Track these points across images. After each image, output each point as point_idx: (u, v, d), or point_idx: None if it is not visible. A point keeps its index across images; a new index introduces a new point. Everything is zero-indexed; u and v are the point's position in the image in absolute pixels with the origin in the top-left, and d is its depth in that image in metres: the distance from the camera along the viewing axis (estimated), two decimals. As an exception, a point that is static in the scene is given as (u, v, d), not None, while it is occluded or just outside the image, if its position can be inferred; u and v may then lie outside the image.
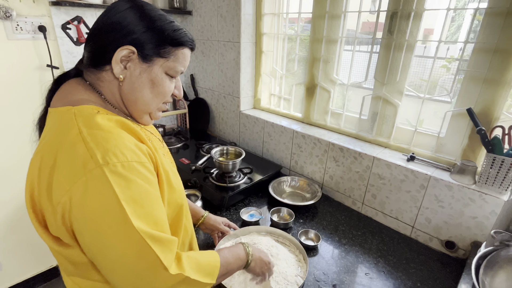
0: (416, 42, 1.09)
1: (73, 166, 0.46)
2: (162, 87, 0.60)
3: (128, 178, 0.48)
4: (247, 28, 1.58)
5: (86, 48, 0.58)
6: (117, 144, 0.49)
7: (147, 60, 0.57)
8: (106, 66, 0.56)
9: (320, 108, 1.47)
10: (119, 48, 0.54)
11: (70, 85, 0.58)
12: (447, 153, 1.12)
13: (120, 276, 0.49)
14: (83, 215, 0.47)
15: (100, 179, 0.46)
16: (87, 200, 0.46)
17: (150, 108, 0.61)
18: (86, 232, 0.48)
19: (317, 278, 0.93)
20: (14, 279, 1.76)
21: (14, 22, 1.38)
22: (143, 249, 0.48)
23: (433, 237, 1.08)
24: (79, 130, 0.48)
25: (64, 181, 0.46)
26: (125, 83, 0.57)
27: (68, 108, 0.53)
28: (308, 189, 1.39)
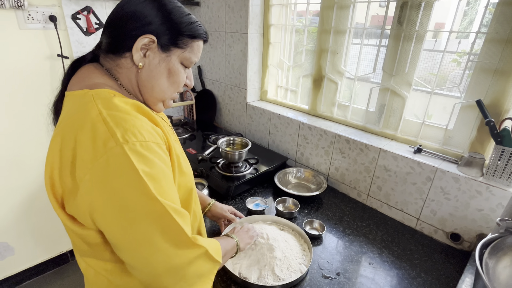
0: (426, 33, 1.08)
1: (94, 145, 0.47)
2: (177, 76, 0.62)
3: (147, 156, 0.49)
4: (255, 19, 1.58)
5: (104, 34, 0.60)
6: (135, 124, 0.50)
7: (165, 49, 0.59)
8: (125, 53, 0.58)
9: (327, 100, 1.47)
10: (141, 37, 0.56)
11: (87, 69, 0.60)
12: (454, 145, 1.11)
13: (144, 254, 0.49)
14: (105, 192, 0.47)
15: (120, 157, 0.47)
16: (109, 177, 0.47)
17: (165, 96, 0.64)
18: (108, 210, 0.48)
19: (321, 266, 0.94)
20: (26, 263, 1.82)
21: (25, 12, 1.40)
22: (168, 221, 0.49)
23: (438, 229, 1.08)
24: (99, 111, 0.50)
25: (86, 160, 0.47)
26: (143, 70, 0.59)
27: (86, 91, 0.54)
28: (314, 180, 1.40)
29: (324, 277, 0.90)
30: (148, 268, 0.50)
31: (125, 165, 0.47)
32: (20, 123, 1.54)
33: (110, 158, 0.47)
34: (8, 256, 1.72)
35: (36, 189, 1.71)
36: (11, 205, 1.65)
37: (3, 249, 1.69)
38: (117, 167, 0.47)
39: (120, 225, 0.48)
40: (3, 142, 1.52)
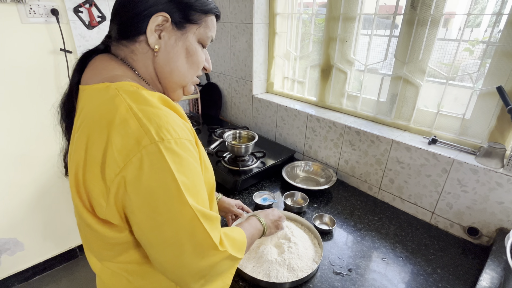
0: (442, 17, 1.02)
1: (126, 142, 0.45)
2: (196, 56, 0.59)
3: (181, 155, 0.47)
4: (260, 8, 1.53)
5: (114, 21, 0.56)
6: (168, 120, 0.47)
7: (180, 27, 0.55)
8: (139, 36, 0.54)
9: (336, 90, 1.42)
10: (154, 16, 0.52)
11: (102, 61, 0.56)
12: (472, 135, 1.06)
13: (170, 255, 0.49)
14: (137, 192, 0.45)
15: (155, 156, 0.45)
16: (142, 177, 0.44)
17: (186, 80, 0.60)
18: (139, 210, 0.46)
19: (332, 262, 0.91)
20: (35, 259, 1.83)
21: (27, 6, 1.38)
22: (196, 226, 0.48)
23: (455, 223, 1.03)
24: (128, 106, 0.46)
25: (118, 158, 0.45)
26: (160, 53, 0.56)
27: (107, 84, 0.50)
28: (322, 173, 1.36)
29: (335, 273, 0.87)
30: (174, 267, 0.50)
31: (159, 165, 0.45)
32: (26, 119, 1.53)
33: (145, 157, 0.44)
34: (18, 252, 1.74)
35: (44, 185, 1.71)
36: (20, 201, 1.65)
37: (13, 244, 1.70)
38: (151, 167, 0.45)
39: (150, 225, 0.47)
40: (10, 138, 1.52)
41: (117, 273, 0.58)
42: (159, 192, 0.45)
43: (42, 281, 1.84)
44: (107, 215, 0.49)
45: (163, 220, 0.46)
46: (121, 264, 0.56)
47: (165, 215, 0.46)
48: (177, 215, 0.47)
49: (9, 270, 1.74)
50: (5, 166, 1.54)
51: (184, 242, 0.48)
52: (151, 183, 0.45)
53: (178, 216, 0.47)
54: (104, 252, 0.56)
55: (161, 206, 0.46)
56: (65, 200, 1.82)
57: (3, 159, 1.53)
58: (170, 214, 0.46)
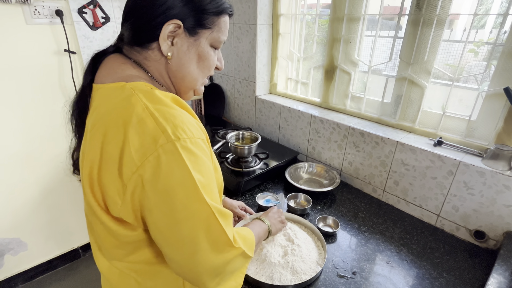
0: (448, 17, 1.01)
1: (143, 141, 0.45)
2: (208, 60, 0.59)
3: (196, 154, 0.48)
4: (264, 9, 1.53)
5: (125, 25, 0.56)
6: (183, 120, 0.48)
7: (193, 33, 0.55)
8: (152, 44, 0.54)
9: (340, 91, 1.41)
10: (166, 23, 0.52)
11: (116, 60, 0.56)
12: (478, 137, 1.04)
13: (187, 252, 0.49)
14: (155, 190, 0.45)
15: (172, 154, 0.45)
16: (160, 175, 0.45)
17: (197, 84, 0.61)
18: (157, 208, 0.46)
19: (336, 265, 0.90)
20: (39, 259, 1.83)
21: (32, 7, 1.38)
22: (212, 223, 0.49)
23: (461, 226, 1.02)
24: (145, 105, 0.47)
25: (135, 157, 0.45)
26: (172, 60, 0.56)
27: (122, 84, 0.51)
28: (326, 175, 1.35)
29: (339, 276, 0.86)
30: (190, 265, 0.50)
31: (176, 163, 0.45)
32: (30, 119, 1.54)
33: (162, 155, 0.45)
34: (21, 252, 1.74)
35: (47, 185, 1.72)
36: (23, 201, 1.66)
37: (16, 244, 1.71)
38: (168, 165, 0.45)
39: (167, 223, 0.47)
40: (14, 138, 1.52)
41: (125, 273, 0.57)
42: (177, 190, 0.46)
43: (45, 281, 1.84)
44: (122, 213, 0.49)
45: (181, 218, 0.47)
46: (130, 264, 0.56)
47: (182, 213, 0.46)
48: (195, 212, 0.47)
49: (12, 270, 1.74)
50: (8, 167, 1.55)
51: (201, 239, 0.48)
52: (168, 181, 0.45)
53: (196, 213, 0.47)
54: (115, 250, 0.55)
55: (178, 204, 0.46)
56: (68, 200, 1.82)
57: (7, 159, 1.53)
58: (188, 212, 0.47)
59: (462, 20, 1.09)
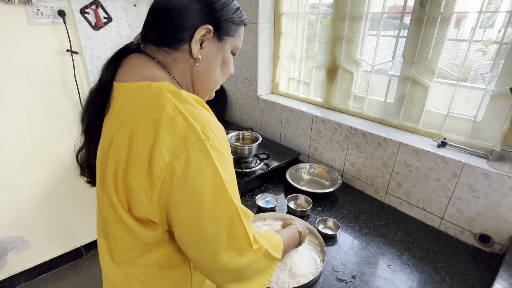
0: (452, 15, 0.98)
1: (174, 140, 0.46)
2: (229, 65, 0.64)
3: (223, 153, 0.49)
4: (265, 8, 1.51)
5: (153, 25, 0.56)
6: (210, 120, 0.49)
7: (220, 39, 0.59)
8: (182, 46, 0.56)
9: (342, 91, 1.39)
10: (199, 28, 0.55)
11: (139, 60, 0.57)
12: (484, 138, 1.01)
13: (209, 252, 0.49)
14: (184, 189, 0.46)
15: (202, 153, 0.46)
16: (189, 174, 0.45)
17: (216, 86, 0.64)
18: (184, 207, 0.47)
19: (336, 268, 0.88)
20: (41, 257, 1.85)
21: (34, 7, 1.39)
22: (236, 222, 0.50)
23: (465, 229, 0.99)
24: (174, 105, 0.48)
25: (165, 155, 0.45)
26: (200, 63, 0.58)
27: (148, 83, 0.51)
28: (328, 176, 1.33)
29: (338, 279, 0.84)
30: (212, 264, 0.51)
31: (206, 162, 0.46)
32: (33, 118, 1.55)
33: (192, 154, 0.45)
34: (24, 250, 1.75)
35: (50, 184, 1.73)
36: (26, 200, 1.67)
37: (19, 243, 1.72)
38: (197, 164, 0.46)
39: (193, 222, 0.48)
40: (18, 137, 1.53)
41: (133, 278, 0.57)
42: (206, 189, 0.46)
43: (48, 279, 1.86)
44: (148, 212, 0.49)
45: (207, 217, 0.47)
46: (140, 267, 0.56)
47: (209, 212, 0.47)
48: (221, 212, 0.48)
49: (15, 268, 1.76)
50: (12, 166, 1.56)
51: (223, 238, 0.49)
52: (198, 179, 0.46)
53: (222, 213, 0.48)
54: (129, 252, 0.55)
55: (206, 202, 0.47)
56: (71, 199, 1.83)
57: (11, 158, 1.55)
58: (214, 211, 0.48)
59: (470, 19, 1.06)
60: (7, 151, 1.53)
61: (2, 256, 1.69)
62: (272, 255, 0.59)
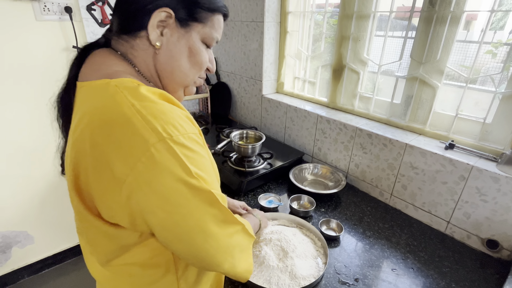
0: (463, 14, 0.96)
1: (133, 142, 0.43)
2: (199, 56, 0.57)
3: (192, 148, 0.47)
4: (271, 7, 1.50)
5: (116, 13, 0.54)
6: (173, 116, 0.46)
7: (184, 25, 0.53)
8: (141, 32, 0.52)
9: (348, 91, 1.37)
10: (156, 11, 0.50)
11: (101, 55, 0.53)
12: (493, 141, 0.99)
13: (198, 242, 0.48)
14: (154, 191, 0.44)
15: (167, 151, 0.43)
16: (156, 176, 0.43)
17: (187, 80, 0.58)
18: (160, 209, 0.45)
19: (338, 270, 0.86)
20: (45, 252, 1.86)
21: (41, 3, 1.40)
22: (218, 208, 0.49)
23: (472, 234, 0.97)
24: (131, 103, 0.44)
25: (126, 159, 0.43)
26: (161, 51, 0.53)
27: (106, 81, 0.48)
28: (332, 177, 1.31)
29: (341, 282, 0.82)
30: (202, 253, 0.49)
31: (173, 160, 0.44)
32: (39, 114, 1.56)
33: (155, 155, 0.43)
34: (28, 245, 1.77)
35: (55, 179, 1.74)
36: (31, 195, 1.68)
37: (23, 237, 1.74)
38: (164, 163, 0.43)
39: (174, 220, 0.46)
40: (23, 133, 1.55)
41: (119, 276, 0.56)
42: (177, 186, 0.44)
43: (51, 274, 1.87)
44: (116, 218, 0.47)
45: (186, 212, 0.46)
46: (125, 267, 0.54)
47: (187, 207, 0.46)
48: (199, 203, 0.47)
49: (19, 262, 1.77)
50: (16, 161, 1.58)
51: (209, 226, 0.48)
52: (166, 180, 0.44)
53: (200, 205, 0.47)
54: (109, 253, 0.53)
55: (182, 199, 0.45)
56: (74, 195, 1.84)
57: (16, 154, 1.56)
58: (192, 204, 0.46)
59: (480, 21, 1.04)
60: (12, 146, 1.54)
61: (7, 250, 1.70)
62: (248, 232, 0.58)
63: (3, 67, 1.40)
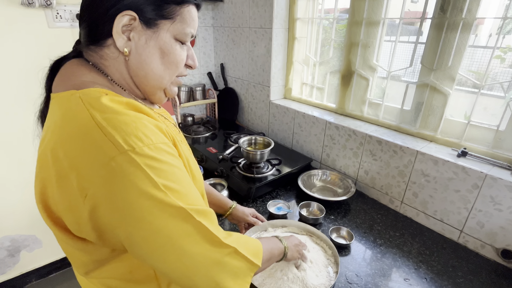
0: (475, 21, 0.95)
1: (92, 156, 0.41)
2: (173, 55, 0.53)
3: (159, 159, 0.44)
4: (280, 13, 1.51)
5: (81, 24, 0.51)
6: (137, 126, 0.43)
7: (151, 25, 0.50)
8: (107, 40, 0.49)
9: (357, 97, 1.36)
10: (118, 16, 0.47)
11: (71, 66, 0.51)
12: (507, 148, 0.97)
13: (171, 259, 0.44)
14: (116, 207, 0.41)
15: (129, 164, 0.41)
16: (118, 191, 0.41)
17: (163, 82, 0.55)
18: (125, 224, 0.42)
19: (349, 280, 0.85)
20: (53, 256, 1.87)
21: (54, 11, 1.43)
22: (192, 225, 0.45)
23: (486, 244, 0.95)
24: (91, 116, 0.42)
25: (86, 174, 0.41)
26: (131, 57, 0.51)
27: (72, 92, 0.46)
28: (341, 184, 1.30)
29: (352, 292, 0.81)
30: (177, 273, 0.45)
31: (136, 173, 0.41)
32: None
33: (116, 169, 0.40)
34: (36, 249, 1.78)
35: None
36: (39, 200, 1.70)
37: (32, 241, 1.75)
38: (125, 178, 0.41)
39: (142, 236, 0.43)
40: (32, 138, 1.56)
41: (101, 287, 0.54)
42: (141, 202, 0.41)
43: (58, 278, 1.88)
44: (83, 233, 0.46)
45: (154, 228, 0.42)
46: (105, 280, 0.53)
47: (155, 223, 0.42)
48: (168, 219, 0.43)
49: (28, 266, 1.78)
50: (26, 165, 1.59)
51: (181, 243, 0.44)
52: (128, 195, 0.41)
53: (170, 219, 0.43)
54: (84, 266, 0.52)
55: (147, 215, 0.42)
56: (83, 200, 1.85)
57: (25, 158, 1.58)
58: (161, 220, 0.42)
59: (487, 25, 1.04)
60: (21, 151, 1.56)
61: (15, 254, 1.72)
62: (246, 257, 0.51)
63: (19, 74, 1.42)
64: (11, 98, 1.45)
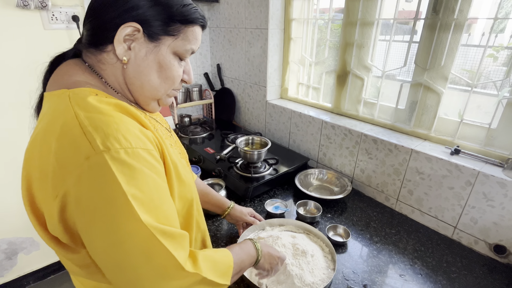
0: (466, 21, 0.97)
1: (68, 154, 0.41)
2: (171, 70, 0.54)
3: (133, 166, 0.42)
4: (276, 14, 1.52)
5: (85, 25, 0.52)
6: (118, 128, 0.43)
7: (153, 39, 0.51)
8: (107, 46, 0.50)
9: (352, 97, 1.38)
10: (123, 25, 0.48)
11: (67, 66, 0.52)
12: (499, 146, 0.99)
13: (128, 279, 0.43)
14: (83, 210, 0.41)
15: (100, 168, 0.40)
16: (86, 192, 0.40)
17: (158, 95, 0.56)
18: (89, 228, 0.42)
19: (346, 276, 0.87)
20: (50, 259, 1.86)
21: (49, 12, 1.42)
22: (154, 246, 0.43)
23: (479, 239, 0.97)
24: (75, 114, 0.43)
25: (61, 171, 0.41)
26: (129, 66, 0.51)
27: (63, 91, 0.47)
28: (337, 182, 1.32)
29: (349, 288, 0.83)
30: None
31: (104, 179, 0.40)
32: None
33: (89, 169, 0.40)
34: (34, 251, 1.77)
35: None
36: (36, 202, 1.69)
37: (29, 244, 1.74)
38: (94, 181, 0.40)
39: (102, 246, 0.42)
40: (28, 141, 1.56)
41: None
42: (106, 209, 0.40)
43: (56, 281, 1.87)
44: (56, 232, 0.45)
45: (114, 240, 0.41)
46: (94, 282, 0.53)
47: (115, 235, 0.41)
48: (129, 234, 0.41)
49: (25, 268, 1.78)
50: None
51: (140, 264, 0.42)
52: (95, 198, 0.40)
53: (131, 235, 0.41)
54: (73, 267, 0.52)
55: (109, 224, 0.41)
56: (80, 201, 1.85)
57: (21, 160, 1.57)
58: (122, 233, 0.41)
59: (480, 24, 1.06)
60: (18, 155, 1.55)
61: (12, 257, 1.71)
62: (214, 282, 0.49)
63: (14, 75, 1.42)
64: (6, 101, 1.45)
